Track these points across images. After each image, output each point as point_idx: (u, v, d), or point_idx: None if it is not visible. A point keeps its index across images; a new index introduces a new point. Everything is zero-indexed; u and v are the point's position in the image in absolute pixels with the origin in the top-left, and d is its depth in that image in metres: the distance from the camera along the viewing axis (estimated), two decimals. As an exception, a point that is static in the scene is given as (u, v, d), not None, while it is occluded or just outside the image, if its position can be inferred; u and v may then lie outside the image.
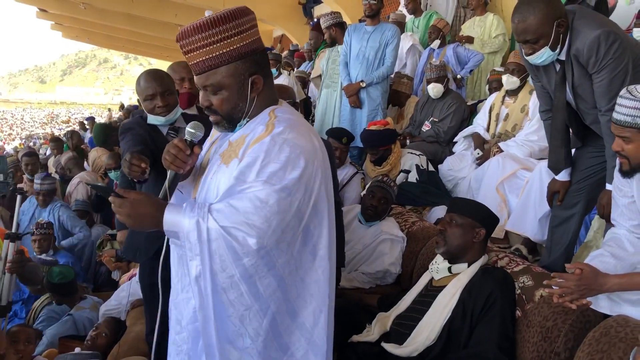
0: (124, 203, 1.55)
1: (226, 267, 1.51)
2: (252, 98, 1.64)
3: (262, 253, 1.52)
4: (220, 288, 1.53)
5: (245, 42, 1.59)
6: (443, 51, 6.34)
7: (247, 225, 1.50)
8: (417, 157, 4.53)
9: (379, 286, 3.43)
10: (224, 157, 1.66)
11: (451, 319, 2.39)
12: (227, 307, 1.55)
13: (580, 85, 2.50)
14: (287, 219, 1.54)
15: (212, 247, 1.51)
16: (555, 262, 2.90)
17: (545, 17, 2.38)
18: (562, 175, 2.86)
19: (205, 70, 1.59)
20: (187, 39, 1.58)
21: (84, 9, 16.96)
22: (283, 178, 1.52)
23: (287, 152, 1.54)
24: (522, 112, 4.26)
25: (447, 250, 2.55)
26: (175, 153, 1.65)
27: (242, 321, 1.56)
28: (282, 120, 1.62)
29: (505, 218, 3.77)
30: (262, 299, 1.56)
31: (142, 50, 29.22)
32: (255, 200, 1.50)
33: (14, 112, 64.45)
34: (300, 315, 1.64)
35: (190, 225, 1.51)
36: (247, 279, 1.53)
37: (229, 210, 1.51)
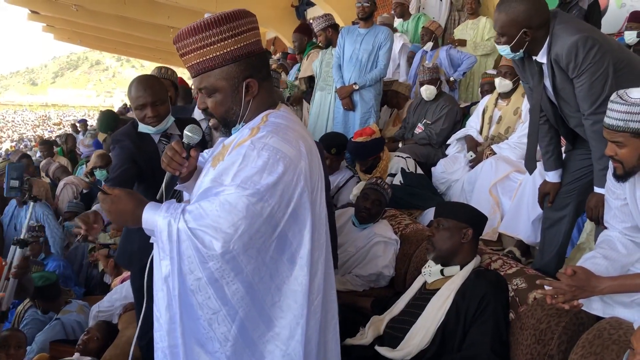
0: (106, 199, 1.60)
1: (194, 269, 1.52)
2: (247, 101, 1.64)
3: (227, 257, 1.51)
4: (189, 290, 1.54)
5: (239, 45, 1.58)
6: (436, 53, 6.36)
7: (214, 228, 1.49)
8: (403, 160, 4.51)
9: (372, 289, 3.42)
10: (214, 160, 1.68)
11: (445, 322, 2.39)
12: (196, 309, 1.56)
13: (563, 89, 2.55)
14: (257, 224, 1.52)
15: (181, 248, 1.51)
16: (547, 264, 2.91)
17: (514, 20, 2.48)
18: (553, 177, 2.89)
19: (200, 72, 1.60)
20: (182, 42, 1.59)
21: (75, 11, 16.91)
22: (257, 183, 1.51)
23: (265, 157, 1.53)
24: (515, 115, 4.27)
25: (438, 255, 2.57)
26: (171, 155, 1.68)
27: (211, 325, 1.56)
28: (269, 124, 1.61)
29: (498, 220, 3.78)
30: (229, 304, 1.55)
31: (134, 53, 29.17)
32: (225, 204, 1.49)
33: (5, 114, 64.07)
34: (277, 325, 1.61)
35: (163, 224, 1.53)
36: (213, 283, 1.53)
37: (198, 212, 1.51)
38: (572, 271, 1.95)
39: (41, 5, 18.55)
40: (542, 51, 2.54)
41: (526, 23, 2.47)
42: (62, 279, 4.55)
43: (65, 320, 3.78)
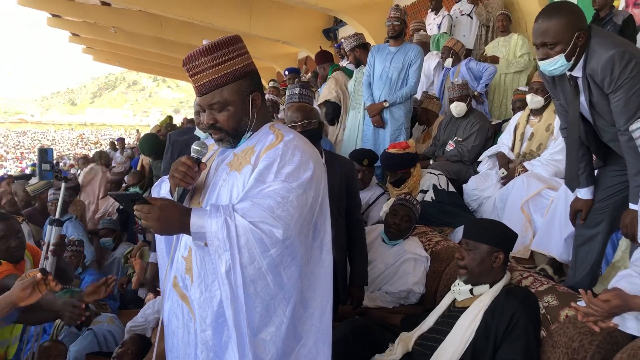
0: (153, 208, 1.64)
1: (254, 260, 1.63)
2: (254, 113, 1.82)
3: (287, 243, 1.65)
4: (249, 280, 1.64)
5: (245, 64, 1.79)
6: (457, 69, 6.38)
7: (273, 218, 1.63)
8: (435, 176, 4.51)
9: (402, 306, 3.41)
10: (234, 166, 1.80)
11: (474, 341, 2.36)
12: (254, 299, 1.66)
13: (598, 104, 2.49)
14: (304, 213, 1.69)
15: (240, 242, 1.62)
16: (580, 282, 2.86)
17: (568, 23, 2.40)
18: (585, 194, 2.83)
19: (213, 89, 1.75)
20: (194, 62, 1.74)
21: (114, 33, 17.43)
22: (298, 177, 1.69)
23: (299, 156, 1.72)
24: (547, 132, 4.23)
25: (470, 278, 2.54)
26: (185, 170, 1.77)
27: (268, 310, 1.68)
28: (287, 131, 1.82)
29: (530, 238, 3.73)
30: (286, 288, 1.68)
31: (169, 73, 29.76)
32: (276, 197, 1.65)
33: (46, 133, 66.01)
34: (311, 306, 1.77)
35: (218, 224, 1.62)
36: (273, 269, 1.65)
37: (255, 207, 1.64)
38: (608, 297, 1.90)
39: (82, 28, 19.17)
40: (578, 66, 2.49)
41: (579, 25, 2.41)
42: (98, 293, 4.65)
43: (97, 329, 3.85)
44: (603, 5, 5.07)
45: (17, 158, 41.25)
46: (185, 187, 1.79)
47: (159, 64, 25.40)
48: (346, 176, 3.12)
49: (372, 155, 4.56)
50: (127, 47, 20.84)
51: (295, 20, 13.63)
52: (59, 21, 18.58)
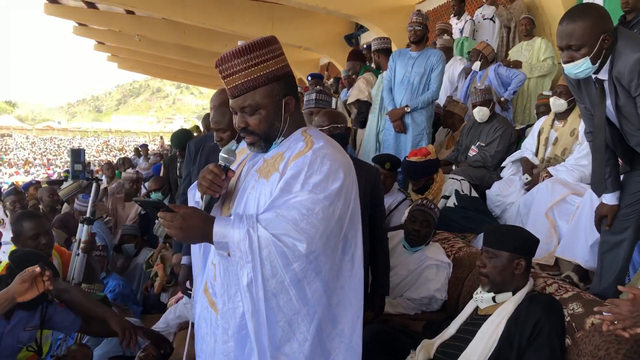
0: (176, 216, 1.61)
1: (276, 273, 1.58)
2: (286, 118, 1.75)
3: (311, 258, 1.59)
4: (270, 294, 1.60)
5: (279, 66, 1.72)
6: (485, 73, 6.32)
7: (296, 231, 1.57)
8: (458, 182, 4.48)
9: (424, 312, 3.38)
10: (262, 172, 1.75)
11: (498, 349, 2.33)
12: (276, 313, 1.61)
13: (625, 107, 2.45)
14: (331, 226, 1.62)
15: (262, 254, 1.57)
16: (606, 289, 2.80)
17: (594, 25, 2.37)
18: (610, 199, 2.78)
19: (245, 91, 1.69)
20: (227, 64, 1.69)
21: (138, 41, 17.68)
22: (326, 188, 1.62)
23: (328, 165, 1.65)
24: (572, 136, 4.17)
25: (492, 287, 2.50)
26: (212, 178, 1.74)
27: (291, 325, 1.63)
28: (318, 137, 1.74)
29: (555, 244, 3.68)
30: (309, 304, 1.62)
31: (193, 80, 30.09)
32: (302, 209, 1.59)
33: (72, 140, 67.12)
34: (341, 322, 1.70)
35: (241, 235, 1.58)
36: (296, 284, 1.60)
37: (278, 219, 1.59)
38: (632, 296, 1.87)
39: (107, 36, 19.49)
40: (604, 68, 2.45)
41: (605, 27, 2.38)
42: (121, 297, 4.69)
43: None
44: (634, 7, 4.98)
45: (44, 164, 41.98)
46: (213, 196, 1.75)
47: (182, 71, 25.69)
48: (371, 183, 3.10)
49: (394, 160, 4.53)
50: (151, 55, 21.12)
51: (317, 27, 13.68)
52: (85, 30, 18.92)
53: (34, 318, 2.88)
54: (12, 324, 2.77)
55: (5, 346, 2.76)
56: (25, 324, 2.83)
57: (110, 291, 4.68)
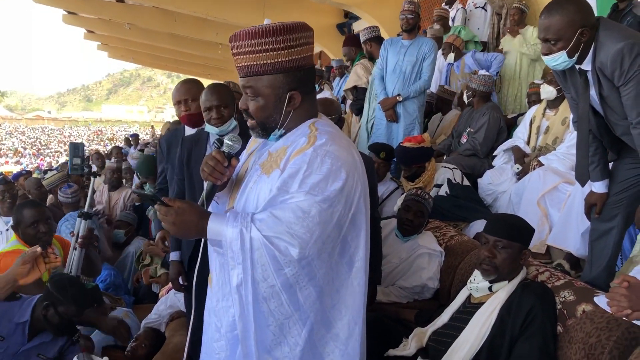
0: (169, 211, 1.57)
1: (267, 277, 1.53)
2: (288, 112, 1.66)
3: (304, 263, 1.53)
4: (261, 297, 1.55)
5: (291, 58, 1.60)
6: (462, 62, 6.33)
7: (290, 235, 1.51)
8: (450, 170, 4.48)
9: (416, 301, 3.39)
10: (265, 167, 1.68)
11: (490, 337, 2.33)
12: (267, 317, 1.57)
13: (609, 97, 2.47)
14: (328, 230, 1.55)
15: (254, 256, 1.52)
16: (597, 277, 2.82)
17: (570, 20, 2.39)
18: (599, 187, 2.80)
19: (247, 75, 1.62)
20: (238, 42, 1.60)
21: (128, 30, 17.53)
22: (325, 189, 1.54)
23: (329, 164, 1.56)
24: (563, 125, 4.17)
25: (499, 277, 2.46)
26: (214, 165, 1.67)
27: (282, 329, 1.58)
28: (323, 132, 1.64)
29: (546, 232, 3.70)
30: (302, 309, 1.57)
31: (184, 69, 29.87)
32: (297, 211, 1.52)
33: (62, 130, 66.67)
34: (335, 327, 1.63)
35: (234, 234, 1.53)
36: (287, 289, 1.54)
37: (272, 220, 1.53)
38: (627, 283, 1.87)
39: (97, 24, 19.31)
40: (587, 59, 2.47)
41: (582, 21, 2.39)
42: (112, 287, 4.68)
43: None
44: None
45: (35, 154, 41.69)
46: (214, 183, 1.70)
47: (173, 60, 25.52)
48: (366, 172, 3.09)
49: (389, 149, 4.54)
50: (142, 44, 20.98)
51: (309, 15, 13.59)
52: (75, 18, 18.70)
53: (53, 348, 2.75)
54: (30, 345, 2.66)
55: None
56: (40, 350, 2.71)
57: (102, 281, 4.67)
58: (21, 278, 2.19)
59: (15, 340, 2.62)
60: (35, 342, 2.68)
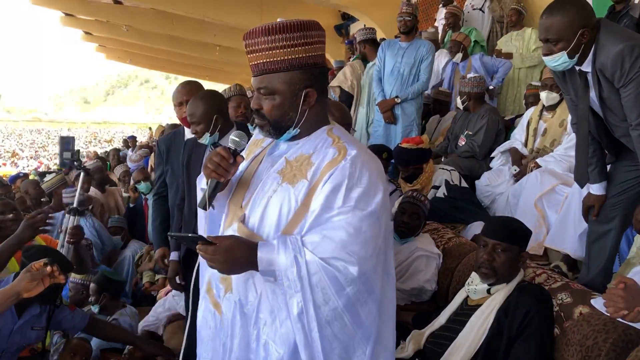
0: (218, 250, 1.51)
1: (329, 300, 1.49)
2: (304, 110, 1.62)
3: (364, 279, 1.50)
4: (324, 322, 1.50)
5: (307, 55, 1.58)
6: (468, 63, 6.33)
7: (347, 253, 1.48)
8: (448, 172, 4.48)
9: (414, 303, 3.39)
10: (286, 176, 1.62)
11: (488, 339, 2.34)
12: (331, 341, 1.52)
13: (609, 99, 2.47)
14: (379, 242, 1.54)
15: (312, 280, 1.49)
16: (594, 279, 2.83)
17: (571, 21, 2.40)
18: (597, 189, 2.81)
19: (264, 72, 1.58)
20: (253, 39, 1.57)
21: (126, 31, 17.51)
22: (369, 203, 1.52)
23: (367, 175, 1.54)
24: (561, 127, 4.18)
25: (497, 280, 2.47)
26: (218, 161, 1.63)
27: (347, 351, 1.54)
28: (348, 142, 1.62)
29: (544, 234, 3.70)
30: (364, 327, 1.54)
31: (182, 70, 29.85)
32: (349, 228, 1.49)
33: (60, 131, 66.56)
34: (385, 338, 1.61)
35: (288, 261, 1.49)
36: (350, 308, 1.51)
37: (325, 242, 1.50)
38: (623, 285, 1.88)
39: (94, 26, 19.30)
40: (587, 60, 2.47)
41: (583, 22, 2.40)
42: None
43: (121, 321, 3.89)
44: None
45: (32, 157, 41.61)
46: (218, 180, 1.64)
47: (171, 62, 25.50)
48: None
49: (389, 150, 4.55)
50: (139, 45, 20.95)
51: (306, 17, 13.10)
52: (72, 20, 18.69)
53: (42, 318, 2.88)
54: (22, 322, 2.77)
55: (12, 343, 2.77)
56: (33, 323, 2.84)
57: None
58: (26, 292, 2.21)
59: (7, 320, 2.71)
60: (26, 317, 2.79)
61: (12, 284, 2.23)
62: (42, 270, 2.20)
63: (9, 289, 2.22)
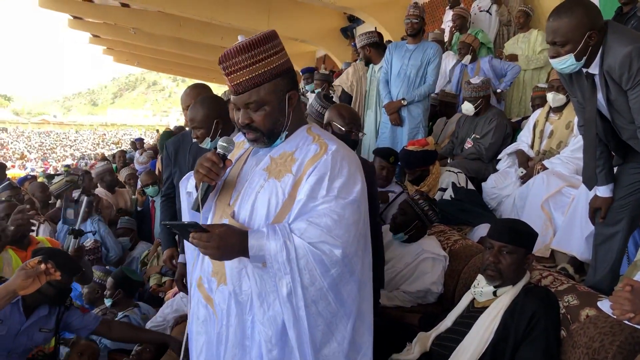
0: (212, 237, 1.60)
1: (315, 280, 1.62)
2: (289, 112, 1.76)
3: (346, 261, 1.65)
4: (310, 301, 1.63)
5: (282, 61, 1.72)
6: (477, 65, 6.31)
7: (332, 237, 1.62)
8: (454, 174, 4.48)
9: (420, 305, 3.39)
10: (272, 172, 1.75)
11: (494, 342, 2.34)
12: (316, 318, 1.65)
13: (616, 101, 2.46)
14: (360, 227, 1.70)
15: (300, 264, 1.62)
16: (600, 281, 2.82)
17: (579, 23, 2.39)
18: (604, 192, 2.79)
19: (249, 88, 1.69)
20: (231, 61, 1.68)
21: (134, 34, 17.59)
22: (350, 192, 1.68)
23: (347, 167, 1.69)
24: (567, 129, 4.18)
25: (503, 282, 2.47)
26: (210, 166, 1.74)
27: (330, 327, 1.67)
28: (328, 138, 1.77)
29: (550, 236, 3.69)
30: (346, 304, 1.67)
31: (189, 73, 29.97)
32: (332, 214, 1.64)
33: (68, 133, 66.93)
34: (367, 318, 1.75)
35: (277, 247, 1.61)
36: (334, 288, 1.64)
37: (312, 228, 1.63)
38: (630, 287, 1.87)
39: (102, 29, 19.40)
40: (595, 62, 2.47)
41: (591, 24, 2.39)
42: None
43: (132, 317, 3.92)
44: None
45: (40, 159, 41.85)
46: (210, 183, 1.76)
47: (178, 64, 25.61)
48: (368, 178, 3.09)
49: (396, 153, 4.56)
50: (147, 48, 21.05)
51: (313, 19, 13.64)
52: (80, 23, 18.81)
53: (51, 321, 2.89)
54: (29, 322, 2.78)
55: (19, 344, 2.78)
56: (41, 324, 2.85)
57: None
58: (22, 290, 2.23)
59: (14, 320, 2.75)
60: (34, 317, 2.82)
61: (8, 283, 2.25)
62: (37, 268, 2.22)
63: (4, 288, 2.24)
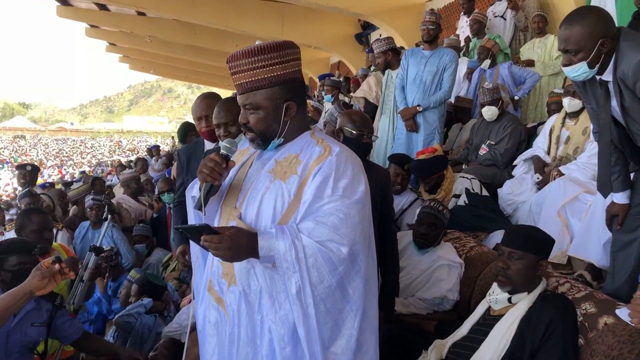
0: (223, 238, 1.64)
1: (323, 278, 1.66)
2: (285, 121, 1.81)
3: (352, 258, 1.69)
4: (319, 299, 1.67)
5: (285, 71, 1.76)
6: (496, 71, 6.29)
7: (338, 235, 1.66)
8: (468, 180, 4.46)
9: (436, 312, 3.38)
10: (277, 174, 1.79)
11: (510, 349, 2.32)
12: (324, 316, 1.68)
13: (631, 108, 2.44)
14: (365, 225, 1.74)
15: (309, 262, 1.65)
16: (619, 288, 2.79)
17: (591, 31, 2.38)
18: (620, 198, 2.77)
19: (247, 90, 1.76)
20: (236, 62, 1.76)
21: (149, 42, 17.78)
22: (356, 191, 1.72)
23: (350, 168, 1.73)
24: (584, 135, 4.14)
25: (514, 288, 2.46)
26: (212, 166, 1.78)
27: (337, 324, 1.70)
28: (331, 141, 1.82)
29: (567, 243, 3.65)
30: (352, 300, 1.71)
31: (204, 80, 30.20)
32: (339, 213, 1.67)
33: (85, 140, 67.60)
34: (370, 315, 1.77)
35: (287, 246, 1.65)
36: (341, 285, 1.69)
37: (319, 227, 1.67)
38: None
39: (118, 37, 19.63)
40: (608, 70, 2.45)
41: (603, 32, 2.38)
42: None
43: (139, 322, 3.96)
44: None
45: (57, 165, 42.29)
46: (213, 183, 1.80)
47: (193, 72, 25.81)
48: (382, 186, 3.09)
49: (411, 160, 4.55)
50: (162, 56, 21.26)
51: (327, 26, 13.69)
52: (97, 31, 19.05)
53: (41, 314, 2.89)
54: (18, 318, 2.77)
55: (14, 342, 2.77)
56: (32, 318, 2.84)
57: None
58: (38, 290, 2.26)
59: None
60: (21, 313, 2.77)
61: (23, 284, 2.28)
62: (52, 268, 2.25)
63: (19, 289, 2.27)
